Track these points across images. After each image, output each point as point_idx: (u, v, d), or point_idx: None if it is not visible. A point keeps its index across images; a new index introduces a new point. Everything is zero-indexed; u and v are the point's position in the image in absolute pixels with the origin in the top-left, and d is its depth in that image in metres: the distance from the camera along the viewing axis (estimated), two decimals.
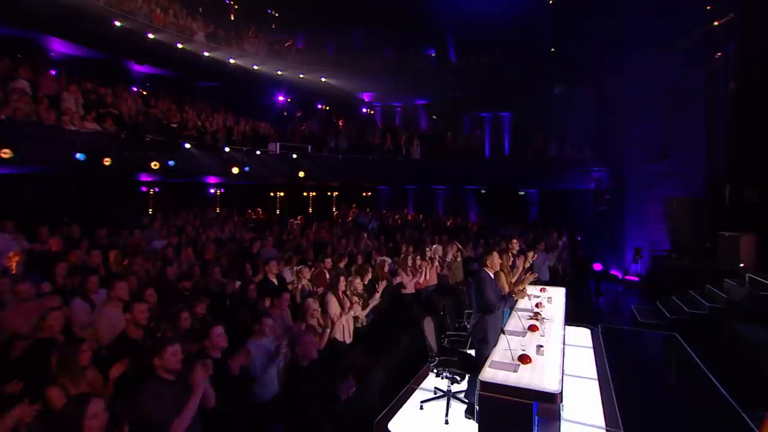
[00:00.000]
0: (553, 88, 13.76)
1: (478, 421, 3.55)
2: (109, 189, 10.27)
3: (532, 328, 4.75)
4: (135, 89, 13.05)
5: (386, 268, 7.10)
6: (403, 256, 7.37)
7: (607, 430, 3.99)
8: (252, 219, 13.79)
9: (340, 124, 18.10)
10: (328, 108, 19.56)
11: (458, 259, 8.61)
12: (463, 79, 15.97)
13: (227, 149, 11.98)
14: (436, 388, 4.60)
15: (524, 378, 3.46)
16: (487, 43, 15.74)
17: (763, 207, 9.05)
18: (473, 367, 4.03)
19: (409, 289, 7.08)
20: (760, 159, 9.14)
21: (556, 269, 9.41)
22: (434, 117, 18.86)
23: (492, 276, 4.17)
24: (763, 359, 5.53)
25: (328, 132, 16.21)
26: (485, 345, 3.96)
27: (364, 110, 19.81)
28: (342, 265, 7.01)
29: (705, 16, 9.67)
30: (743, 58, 9.37)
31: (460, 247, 8.85)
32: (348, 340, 5.01)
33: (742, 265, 8.12)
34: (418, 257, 7.52)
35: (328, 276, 6.28)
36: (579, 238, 12.40)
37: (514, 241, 7.23)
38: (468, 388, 4.14)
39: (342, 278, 5.29)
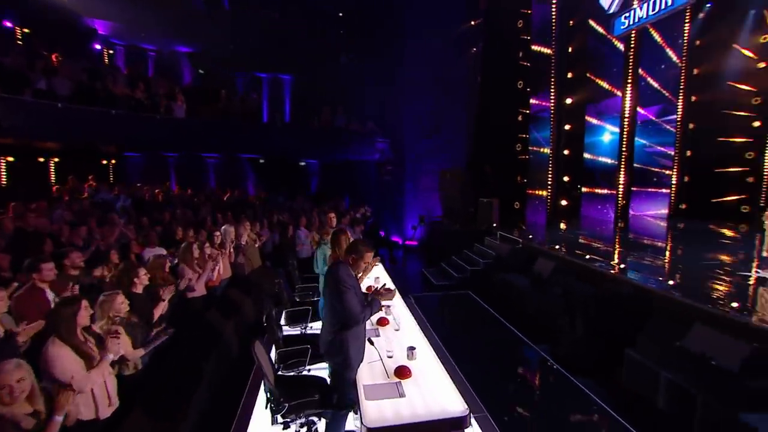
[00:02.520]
0: (340, 58, 13.35)
1: None
2: None
3: (382, 322, 3.99)
4: None
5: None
6: (185, 245, 5.23)
7: (474, 417, 3.68)
8: None
9: (54, 58, 12.32)
10: (28, 31, 12.97)
11: (255, 242, 7.06)
12: (238, 30, 13.49)
13: None
14: None
15: (418, 404, 2.58)
16: None
17: (498, 179, 11.50)
18: (335, 400, 2.87)
19: (199, 290, 5.10)
20: (492, 142, 11.46)
21: None
22: (201, 71, 15.50)
23: (353, 273, 3.02)
24: (526, 301, 6.67)
25: (32, 66, 10.64)
26: (348, 370, 2.85)
27: (98, 47, 14.25)
28: (77, 271, 4.27)
29: (467, 14, 11.13)
30: (486, 58, 11.35)
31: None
32: (107, 411, 2.77)
33: (495, 224, 9.99)
34: (207, 244, 5.58)
35: (50, 299, 3.61)
36: (368, 209, 12.83)
37: (332, 215, 6.34)
38: (328, 427, 2.96)
39: (82, 304, 2.88)
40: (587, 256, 6.51)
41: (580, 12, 10.87)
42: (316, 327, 4.90)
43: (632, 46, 9.90)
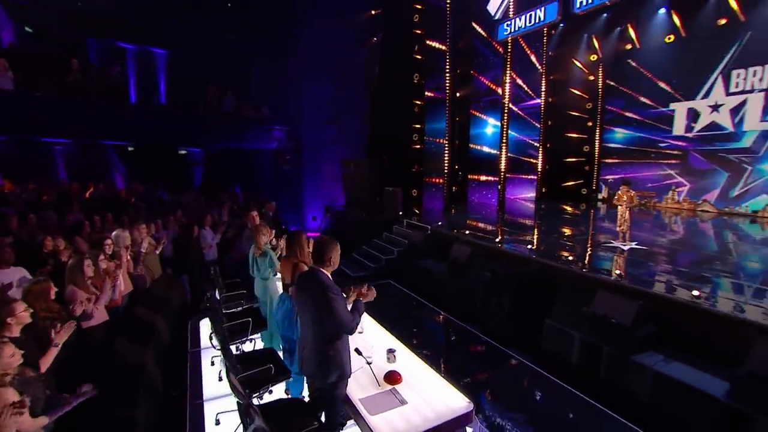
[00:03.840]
0: (226, 34, 11.87)
1: None
2: None
3: None
4: None
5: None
6: (73, 261, 4.14)
7: None
8: None
9: None
10: None
11: (155, 248, 6.01)
12: None
13: None
14: None
15: (423, 408, 2.59)
16: None
17: (395, 168, 11.96)
18: (327, 421, 2.69)
19: (98, 317, 4.12)
20: (390, 132, 11.83)
21: None
22: (29, 29, 12.13)
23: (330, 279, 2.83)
24: (446, 285, 7.19)
25: None
26: (342, 385, 2.69)
27: None
28: None
29: (368, 2, 11.03)
30: (385, 48, 11.52)
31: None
32: None
33: (400, 213, 10.41)
34: (102, 257, 4.53)
35: None
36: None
37: (254, 214, 5.78)
38: None
39: None
40: (497, 239, 7.35)
41: (471, 14, 11.82)
42: (254, 338, 4.51)
43: (509, 50, 11.26)
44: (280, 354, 3.91)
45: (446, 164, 11.72)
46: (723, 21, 10.68)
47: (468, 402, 2.63)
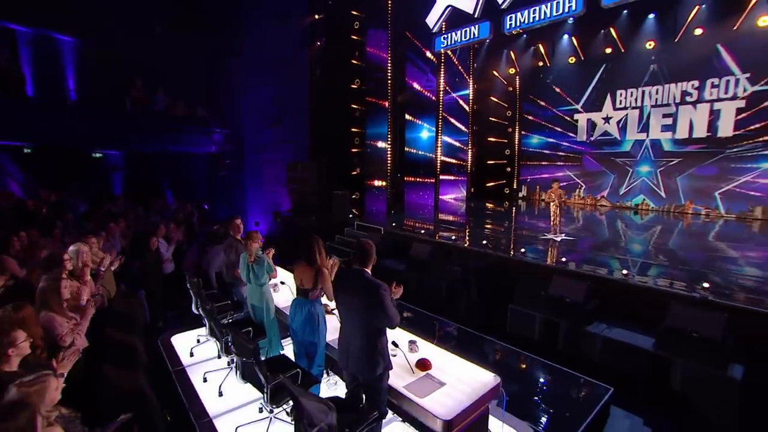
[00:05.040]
0: (154, 25, 10.83)
1: None
2: None
3: None
4: None
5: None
6: (45, 284, 3.70)
7: None
8: None
9: None
10: None
11: (113, 264, 5.48)
12: None
13: None
14: None
15: (461, 387, 2.98)
16: None
17: (337, 171, 12.15)
18: (375, 411, 2.93)
19: (79, 343, 3.74)
20: (332, 135, 12.01)
21: None
22: None
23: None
24: (406, 282, 7.64)
25: None
26: (386, 373, 2.96)
27: None
28: None
29: (312, 6, 10.98)
30: (327, 53, 11.60)
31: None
32: None
33: (350, 216, 10.65)
34: (65, 277, 4.08)
35: None
36: (206, 207, 11.28)
37: (238, 221, 5.61)
38: None
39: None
40: (453, 237, 8.02)
41: (408, 24, 12.42)
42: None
43: (443, 61, 12.15)
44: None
45: (389, 167, 12.24)
46: (609, 49, 12.88)
47: (495, 375, 3.08)
